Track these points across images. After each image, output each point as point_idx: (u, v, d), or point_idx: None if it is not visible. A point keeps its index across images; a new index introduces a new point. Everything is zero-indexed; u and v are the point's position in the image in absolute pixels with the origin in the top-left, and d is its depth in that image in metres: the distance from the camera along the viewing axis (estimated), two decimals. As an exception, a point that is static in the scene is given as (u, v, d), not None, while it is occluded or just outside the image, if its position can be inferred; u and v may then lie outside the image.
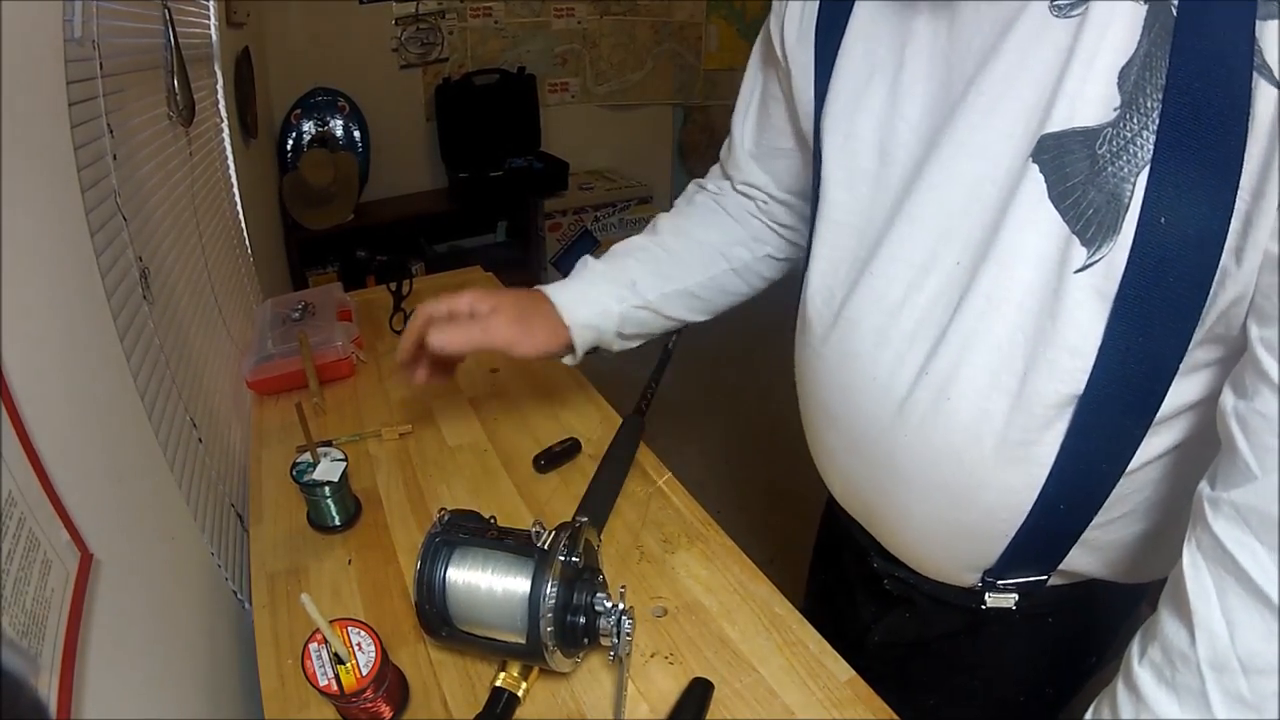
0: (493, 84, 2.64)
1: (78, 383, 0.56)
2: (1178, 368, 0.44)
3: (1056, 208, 0.44)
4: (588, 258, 0.79)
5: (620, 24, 2.84)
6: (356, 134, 2.54)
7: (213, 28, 1.47)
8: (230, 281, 1.27)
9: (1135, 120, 0.41)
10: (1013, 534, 0.53)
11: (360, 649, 0.56)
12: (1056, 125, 0.43)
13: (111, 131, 0.75)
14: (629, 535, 0.78)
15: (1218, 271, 0.40)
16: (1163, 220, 0.41)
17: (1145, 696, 0.41)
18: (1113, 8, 0.41)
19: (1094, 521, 0.52)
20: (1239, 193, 0.38)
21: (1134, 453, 0.48)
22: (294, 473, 0.77)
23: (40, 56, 0.60)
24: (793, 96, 0.64)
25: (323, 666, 0.55)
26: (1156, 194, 0.41)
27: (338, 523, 0.79)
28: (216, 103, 1.46)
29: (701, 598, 0.70)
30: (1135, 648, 0.43)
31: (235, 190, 1.47)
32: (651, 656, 0.64)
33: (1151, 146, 0.40)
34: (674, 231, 0.79)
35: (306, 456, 0.79)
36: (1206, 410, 0.46)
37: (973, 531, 0.55)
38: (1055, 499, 0.50)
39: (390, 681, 0.58)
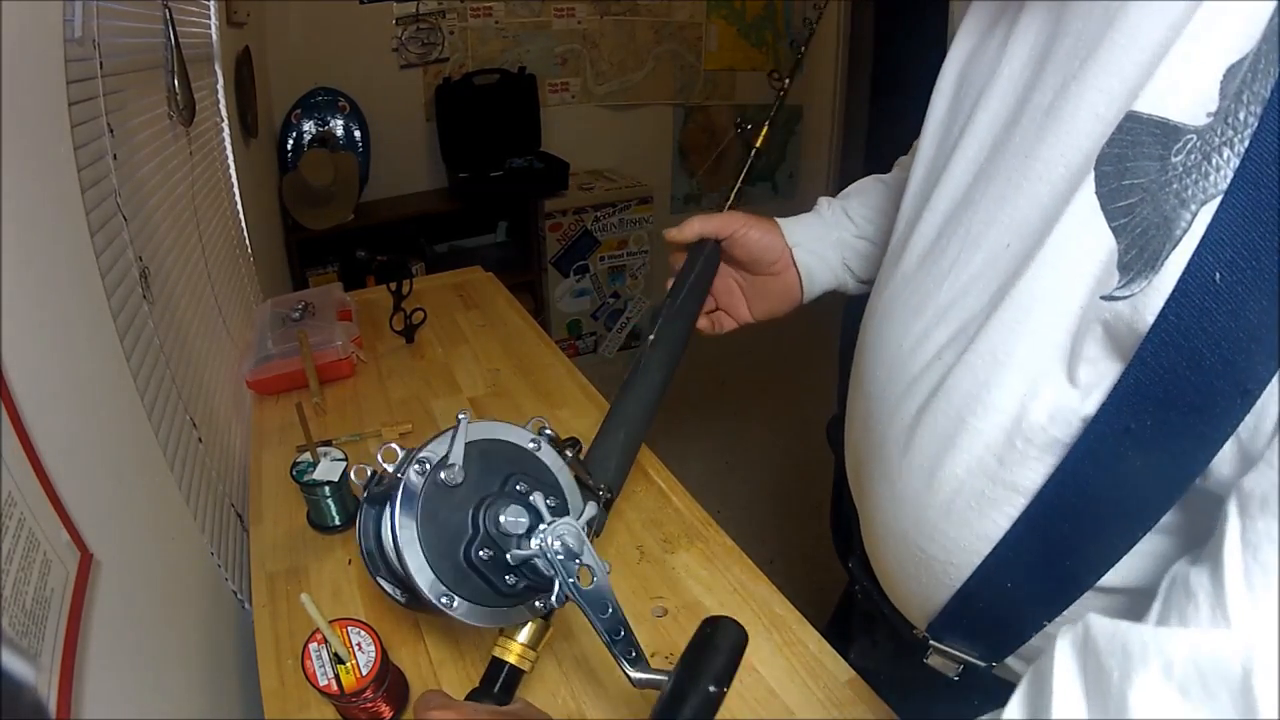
0: (493, 84, 2.64)
1: (78, 383, 0.56)
2: (1192, 478, 0.33)
3: (1104, 209, 0.35)
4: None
5: (620, 24, 2.84)
6: (357, 134, 2.54)
7: (213, 27, 1.47)
8: (230, 281, 1.27)
9: (1221, 134, 0.31)
10: (958, 586, 0.46)
11: (360, 649, 0.56)
12: (1143, 106, 0.34)
13: (111, 131, 0.75)
14: (629, 535, 0.78)
15: (1275, 380, 0.29)
16: (1218, 278, 0.30)
17: None
18: None
19: (1051, 631, 0.43)
20: None
21: (1112, 562, 0.38)
22: (294, 473, 0.77)
23: (40, 56, 0.60)
24: None
25: (323, 666, 0.55)
26: (1220, 239, 0.30)
27: (338, 523, 0.79)
28: (216, 103, 1.46)
29: (701, 598, 0.70)
30: None
31: (235, 190, 1.47)
32: (651, 657, 0.64)
33: (1231, 173, 0.30)
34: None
35: (306, 456, 0.79)
36: None
37: (924, 564, 0.49)
38: (1007, 565, 0.43)
39: (390, 681, 0.58)
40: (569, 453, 0.54)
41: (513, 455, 0.50)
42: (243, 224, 1.49)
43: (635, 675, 0.47)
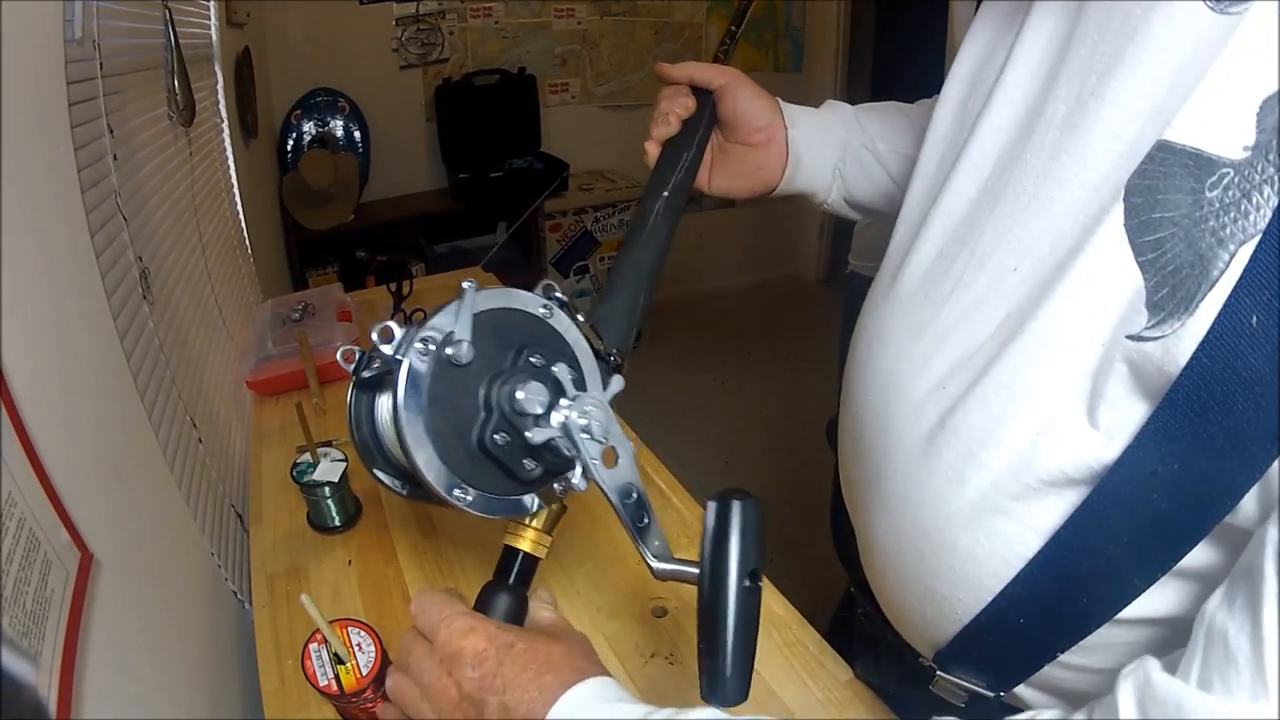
0: (493, 84, 2.64)
1: (78, 383, 0.56)
2: (1216, 521, 0.33)
3: (1131, 242, 0.34)
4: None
5: (620, 24, 2.85)
6: (356, 134, 2.54)
7: (213, 28, 1.47)
8: (230, 281, 1.27)
9: (1262, 171, 0.30)
10: (966, 622, 0.45)
11: (360, 649, 0.56)
12: (1174, 136, 0.33)
13: (111, 131, 0.75)
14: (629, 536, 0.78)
15: None
16: (1254, 322, 0.29)
17: None
18: (1274, 12, 0.31)
19: (1065, 660, 0.42)
20: None
21: (1130, 600, 0.37)
22: (294, 473, 0.77)
23: (40, 56, 0.60)
24: None
25: (323, 666, 0.55)
26: (1258, 281, 0.30)
27: (338, 523, 0.79)
28: (216, 103, 1.46)
29: (701, 598, 0.70)
30: None
31: (235, 190, 1.47)
32: (651, 656, 0.64)
33: (1270, 212, 0.30)
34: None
35: (306, 456, 0.79)
36: None
37: (929, 599, 0.46)
38: (1020, 603, 0.42)
39: (390, 681, 0.58)
40: (580, 316, 0.49)
41: (524, 326, 0.45)
42: (243, 224, 1.49)
43: (659, 566, 0.44)
